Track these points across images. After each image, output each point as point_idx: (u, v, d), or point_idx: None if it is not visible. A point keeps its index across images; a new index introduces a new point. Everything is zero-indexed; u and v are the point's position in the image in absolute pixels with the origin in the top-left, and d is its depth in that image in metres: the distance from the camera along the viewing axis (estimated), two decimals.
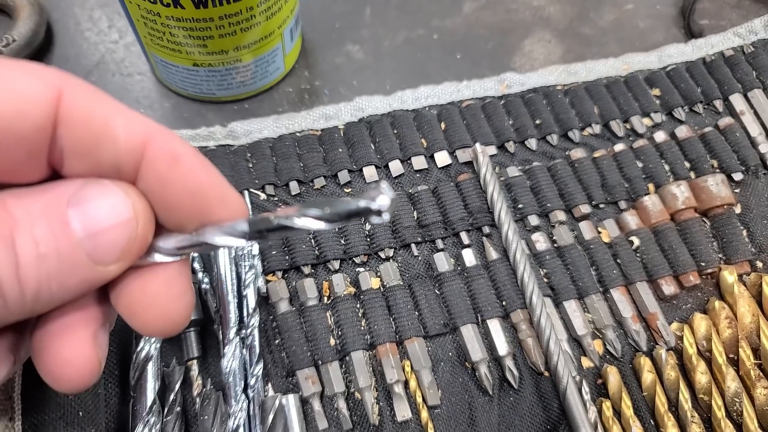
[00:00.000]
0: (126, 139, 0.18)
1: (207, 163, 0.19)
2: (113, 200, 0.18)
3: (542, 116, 0.36)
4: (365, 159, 0.34)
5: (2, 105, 0.16)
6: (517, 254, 0.31)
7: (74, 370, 0.19)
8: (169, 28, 0.32)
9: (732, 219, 0.34)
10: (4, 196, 0.17)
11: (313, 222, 0.17)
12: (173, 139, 0.19)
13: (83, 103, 0.17)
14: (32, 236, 0.17)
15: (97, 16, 0.40)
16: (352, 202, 0.17)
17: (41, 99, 0.17)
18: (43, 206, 0.17)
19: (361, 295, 0.30)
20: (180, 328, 0.20)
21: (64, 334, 0.19)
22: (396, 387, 0.29)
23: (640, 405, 0.30)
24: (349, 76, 0.40)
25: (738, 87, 0.38)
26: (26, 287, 0.17)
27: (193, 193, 0.19)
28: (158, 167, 0.18)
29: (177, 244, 0.19)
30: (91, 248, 0.17)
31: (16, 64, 0.17)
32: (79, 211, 0.17)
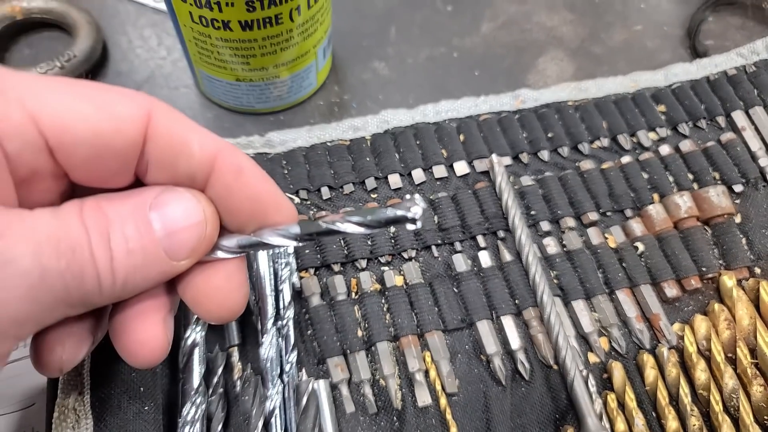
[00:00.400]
0: (200, 154, 0.21)
1: (266, 175, 0.23)
2: (187, 205, 0.21)
3: (554, 130, 0.39)
4: (390, 167, 0.37)
5: (103, 124, 0.19)
6: (530, 257, 0.34)
7: (149, 349, 0.22)
8: (217, 48, 0.35)
9: (732, 228, 0.36)
10: (99, 199, 0.20)
11: (355, 227, 0.21)
12: (238, 153, 0.22)
13: (167, 123, 0.20)
14: (123, 234, 0.20)
15: (147, 34, 0.44)
16: (390, 210, 0.20)
17: (135, 120, 0.20)
18: (131, 209, 0.20)
19: (386, 291, 0.33)
20: (237, 315, 0.24)
21: (140, 318, 0.22)
22: (417, 375, 0.31)
23: (642, 398, 0.32)
24: (376, 90, 0.43)
25: (740, 104, 0.40)
26: (117, 277, 0.19)
27: (254, 200, 0.22)
28: (225, 178, 0.21)
29: (237, 243, 0.22)
30: (168, 245, 0.20)
31: (114, 89, 0.20)
32: (160, 213, 0.20)
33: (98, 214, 0.19)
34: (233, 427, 0.30)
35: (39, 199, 0.20)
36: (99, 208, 0.20)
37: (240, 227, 0.23)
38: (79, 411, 0.25)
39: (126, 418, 0.26)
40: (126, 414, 0.26)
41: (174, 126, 0.21)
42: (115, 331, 0.22)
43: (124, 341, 0.22)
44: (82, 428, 0.25)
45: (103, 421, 0.26)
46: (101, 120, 0.19)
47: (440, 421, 0.30)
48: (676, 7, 0.48)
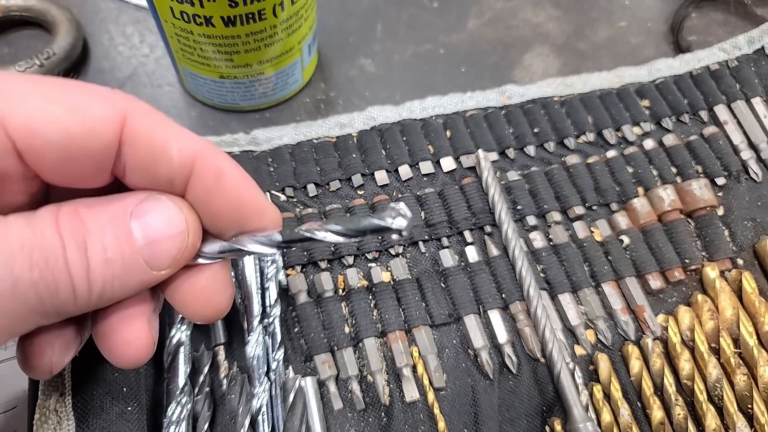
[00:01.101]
0: (179, 157, 0.20)
1: (248, 178, 0.22)
2: (169, 214, 0.20)
3: (540, 125, 0.39)
4: (377, 164, 0.37)
5: (75, 126, 0.18)
6: (516, 251, 0.34)
7: (134, 349, 0.22)
8: (199, 44, 0.35)
9: (714, 220, 0.37)
10: (77, 205, 0.19)
11: (334, 236, 0.20)
12: (219, 155, 0.21)
13: (144, 125, 0.19)
14: (101, 243, 0.19)
15: (130, 32, 0.44)
16: (373, 220, 0.19)
17: (109, 122, 0.19)
18: (110, 217, 0.19)
19: (373, 287, 0.33)
20: (223, 314, 0.23)
21: (124, 319, 0.21)
22: (405, 370, 0.31)
23: (628, 389, 0.32)
24: (362, 87, 0.43)
25: (722, 98, 0.41)
26: (94, 286, 0.19)
27: (235, 204, 0.21)
28: (205, 181, 0.21)
29: (218, 249, 0.22)
30: (148, 255, 0.20)
31: (88, 88, 0.19)
32: (140, 222, 0.20)
33: (75, 221, 0.19)
34: (220, 426, 0.29)
35: (11, 200, 0.20)
36: (76, 215, 0.19)
37: (221, 231, 0.22)
38: (60, 412, 0.25)
39: (109, 419, 0.26)
40: (109, 415, 0.26)
41: (151, 128, 0.20)
42: (98, 332, 0.22)
43: (109, 342, 0.22)
44: (64, 430, 0.25)
45: (85, 423, 0.25)
46: (73, 122, 0.18)
47: (428, 415, 0.31)
48: (660, 3, 0.48)
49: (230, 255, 0.22)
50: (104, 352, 0.22)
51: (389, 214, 0.19)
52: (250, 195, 0.22)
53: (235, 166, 0.22)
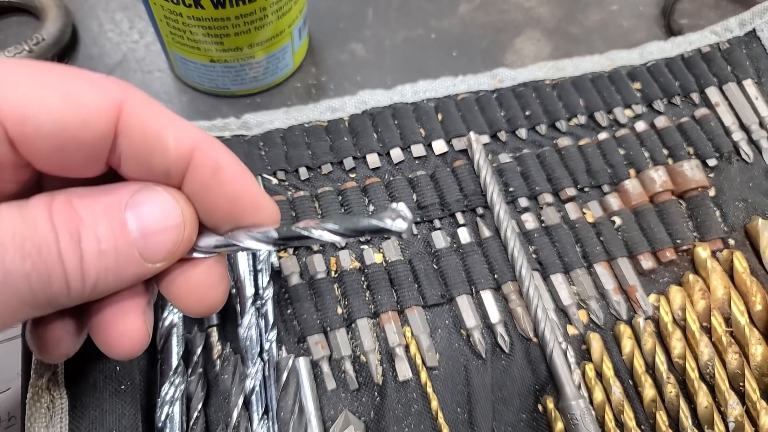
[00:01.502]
0: (175, 149, 0.20)
1: (246, 173, 0.21)
2: (165, 206, 0.20)
3: (532, 108, 0.39)
4: (369, 147, 0.37)
5: (69, 115, 0.17)
6: (508, 232, 0.34)
7: (129, 341, 0.21)
8: (189, 27, 0.35)
9: (706, 201, 0.37)
10: (71, 195, 0.19)
11: (330, 235, 0.20)
12: (217, 148, 0.21)
13: (140, 115, 0.19)
14: (95, 234, 0.18)
15: (119, 18, 0.43)
16: (371, 221, 0.19)
17: (104, 111, 0.18)
18: (104, 207, 0.19)
19: (365, 269, 0.33)
20: (217, 309, 0.23)
21: (119, 312, 0.21)
22: (398, 350, 0.31)
23: (619, 367, 0.32)
24: (353, 72, 0.43)
25: (714, 81, 0.41)
26: (87, 278, 0.19)
27: (232, 199, 0.21)
28: (202, 174, 0.20)
29: (214, 243, 0.22)
30: (143, 247, 0.19)
31: (82, 75, 0.18)
32: (136, 213, 0.19)
33: (69, 211, 0.18)
34: (213, 406, 0.29)
35: (2, 189, 0.19)
36: (70, 205, 0.18)
37: (216, 225, 0.22)
38: (53, 391, 0.25)
39: (102, 398, 0.26)
40: (102, 393, 0.26)
41: (148, 118, 0.19)
42: (93, 324, 0.21)
43: (104, 335, 0.21)
44: (57, 408, 0.25)
45: (79, 401, 0.25)
46: (66, 111, 0.17)
47: (421, 394, 0.31)
48: None
49: (225, 250, 0.22)
50: (99, 344, 0.22)
51: (389, 215, 0.18)
52: (248, 190, 0.21)
53: (233, 159, 0.21)
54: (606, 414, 0.30)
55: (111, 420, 0.26)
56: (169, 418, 0.28)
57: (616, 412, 0.31)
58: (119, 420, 0.26)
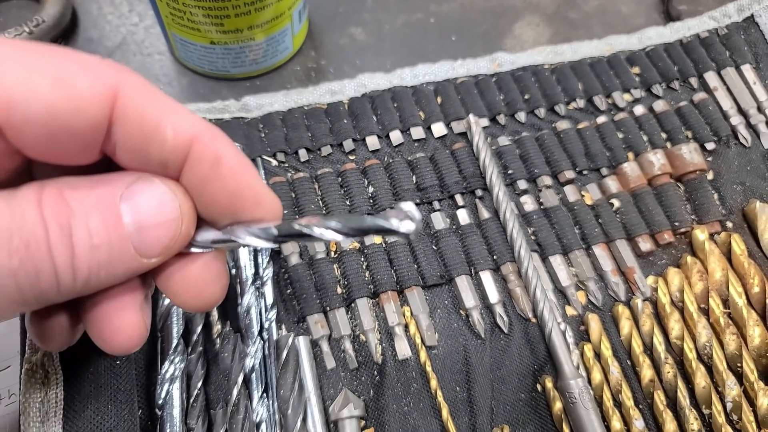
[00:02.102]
0: (174, 139, 0.18)
1: (248, 166, 0.20)
2: (162, 199, 0.19)
3: (531, 92, 0.39)
4: (368, 129, 0.37)
5: (60, 102, 0.16)
6: (507, 213, 0.34)
7: (126, 336, 0.20)
8: (189, 8, 0.34)
9: (704, 183, 0.37)
10: (62, 186, 0.18)
11: (333, 234, 0.19)
12: (218, 139, 0.20)
13: (137, 102, 0.18)
14: (87, 227, 0.17)
15: (118, 0, 0.43)
16: (378, 221, 0.18)
17: (97, 98, 0.17)
18: (98, 199, 0.18)
19: (365, 249, 0.33)
20: (215, 305, 0.22)
21: (115, 307, 0.20)
22: (397, 329, 0.31)
23: (618, 348, 0.32)
24: (353, 55, 0.43)
25: (712, 65, 0.41)
26: (78, 274, 0.18)
27: (232, 193, 0.20)
28: (201, 167, 0.19)
29: (212, 238, 0.21)
30: (138, 242, 0.19)
31: (76, 58, 0.17)
32: (131, 206, 0.18)
33: (59, 203, 0.17)
34: (213, 384, 0.29)
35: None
36: (61, 196, 0.17)
37: (215, 219, 0.21)
38: (48, 366, 0.25)
39: (97, 372, 0.26)
40: (97, 368, 0.26)
41: (145, 106, 0.18)
42: (89, 320, 0.21)
43: (100, 330, 0.20)
44: (52, 383, 0.25)
45: (74, 375, 0.25)
46: (57, 97, 0.16)
47: (420, 373, 0.31)
48: None
49: (224, 246, 0.21)
50: (95, 339, 0.21)
51: (396, 215, 0.17)
52: (249, 184, 0.20)
53: (235, 151, 0.20)
54: (604, 394, 0.31)
55: (106, 394, 0.26)
56: (169, 396, 0.28)
57: (615, 392, 0.31)
58: (114, 395, 0.26)
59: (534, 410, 0.31)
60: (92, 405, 0.25)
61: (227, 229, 0.20)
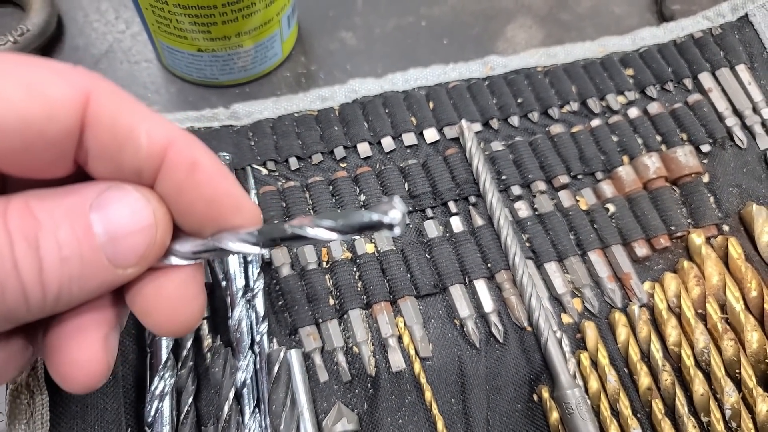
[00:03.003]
0: (148, 145, 0.18)
1: (224, 172, 0.20)
2: (135, 206, 0.18)
3: (524, 95, 0.39)
4: (359, 136, 0.36)
5: (32, 109, 0.16)
6: (501, 220, 0.34)
7: (84, 373, 0.19)
8: (175, 16, 0.34)
9: (700, 187, 0.36)
10: (28, 198, 0.17)
11: (326, 233, 0.18)
12: (193, 145, 0.19)
13: (109, 108, 0.17)
14: (56, 239, 0.17)
15: (104, 8, 0.43)
16: (365, 215, 0.18)
17: (69, 103, 0.16)
18: (67, 209, 0.17)
19: (357, 259, 0.33)
20: (191, 329, 0.20)
21: (76, 335, 0.19)
22: (390, 341, 0.31)
23: (615, 356, 0.32)
24: (343, 60, 0.42)
25: (706, 66, 0.41)
26: (48, 289, 0.17)
27: (209, 200, 0.19)
28: (176, 174, 0.18)
29: (193, 248, 0.20)
30: (111, 252, 0.18)
31: (46, 65, 0.17)
32: (102, 215, 0.18)
33: (25, 216, 0.16)
34: (205, 399, 0.29)
35: None
36: (27, 208, 0.17)
37: (195, 229, 0.20)
38: (33, 387, 0.24)
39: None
40: None
41: (118, 111, 0.17)
42: (47, 347, 0.19)
43: (56, 361, 0.19)
44: (38, 404, 0.24)
45: (59, 396, 0.25)
46: (30, 105, 0.16)
47: (415, 385, 0.30)
48: None
49: (208, 255, 0.20)
50: (52, 374, 0.19)
51: (382, 208, 0.17)
52: (227, 190, 0.19)
53: (211, 157, 0.19)
54: (602, 403, 0.30)
55: (93, 415, 0.25)
56: (158, 414, 0.27)
57: (612, 400, 0.31)
58: (101, 415, 0.25)
59: (530, 421, 0.30)
60: (78, 426, 0.25)
61: (212, 237, 0.20)
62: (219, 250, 0.19)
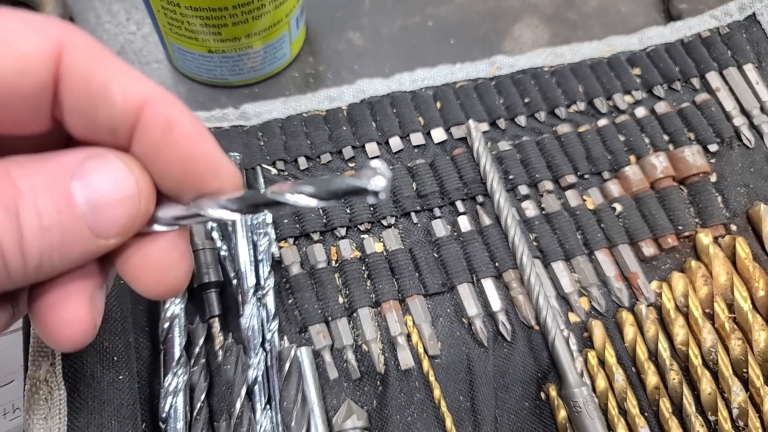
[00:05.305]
0: (123, 102, 0.17)
1: (202, 132, 0.19)
2: (118, 176, 0.18)
3: (531, 95, 0.39)
4: (367, 136, 0.37)
5: (3, 63, 0.15)
6: (509, 220, 0.34)
7: (71, 331, 0.19)
8: (186, 17, 0.34)
9: (707, 186, 0.37)
10: (8, 165, 0.17)
11: (306, 199, 0.17)
12: (170, 103, 0.18)
13: (83, 61, 0.17)
14: (36, 208, 0.16)
15: (116, 9, 0.43)
16: (348, 180, 0.17)
17: (42, 56, 0.16)
18: (48, 178, 0.17)
19: (366, 258, 0.33)
20: (179, 291, 0.20)
21: (62, 295, 0.19)
22: (399, 339, 0.31)
23: (622, 355, 0.32)
24: (351, 61, 0.42)
25: (714, 65, 0.41)
26: (29, 258, 0.17)
27: (185, 161, 0.18)
28: (152, 133, 0.18)
29: (174, 214, 0.19)
30: (93, 222, 0.17)
31: (17, 16, 0.16)
32: (83, 184, 0.17)
33: (5, 183, 0.16)
34: (217, 396, 0.29)
35: None
36: (7, 176, 0.16)
37: (173, 191, 0.19)
38: (51, 382, 0.25)
39: (100, 388, 0.26)
40: (100, 383, 0.26)
41: (92, 65, 0.17)
42: (33, 308, 0.19)
43: (42, 320, 0.19)
44: (55, 399, 0.25)
45: (77, 391, 0.25)
46: (2, 59, 0.15)
47: (423, 383, 0.31)
48: None
49: (189, 221, 0.19)
50: (38, 331, 0.19)
51: (365, 173, 0.17)
52: (204, 151, 0.19)
53: (189, 116, 0.18)
54: (609, 401, 0.30)
55: (109, 410, 0.26)
56: (172, 409, 0.28)
57: (619, 399, 0.31)
58: (117, 410, 0.26)
59: (538, 419, 0.31)
60: (95, 421, 0.25)
61: (192, 204, 0.19)
62: (198, 216, 0.19)
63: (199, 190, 0.19)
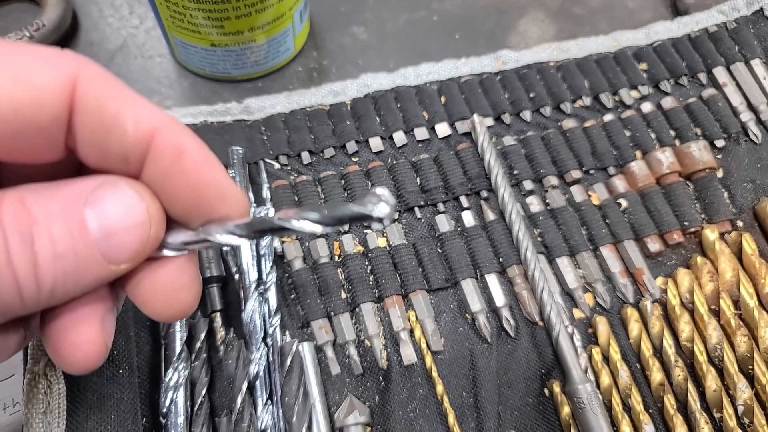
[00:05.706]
0: (134, 131, 0.18)
1: (210, 159, 0.20)
2: (129, 202, 0.18)
3: (536, 90, 0.39)
4: (371, 130, 0.36)
5: (20, 96, 0.16)
6: (513, 215, 0.34)
7: (82, 354, 0.19)
8: (189, 11, 0.34)
9: (714, 182, 0.36)
10: (23, 193, 0.17)
11: (312, 225, 0.18)
12: (181, 132, 0.19)
13: (96, 92, 0.17)
14: (50, 235, 0.17)
15: (119, 3, 0.43)
16: (352, 207, 0.17)
17: (56, 89, 0.17)
18: (61, 205, 0.17)
19: (369, 253, 0.33)
20: (188, 314, 0.21)
21: (74, 319, 0.19)
22: (402, 334, 0.31)
23: (627, 351, 0.32)
24: (355, 55, 0.42)
25: (721, 60, 0.40)
26: (42, 284, 0.17)
27: (194, 188, 0.19)
28: (162, 160, 0.18)
29: (184, 239, 0.20)
30: (105, 248, 0.18)
31: (32, 50, 0.17)
32: (96, 211, 0.18)
33: (20, 210, 0.17)
34: (218, 391, 0.29)
35: None
36: (22, 203, 0.17)
37: (182, 217, 0.20)
38: (50, 376, 0.25)
39: (100, 382, 0.26)
40: (100, 378, 0.26)
41: (105, 96, 0.17)
42: (45, 330, 0.19)
43: (54, 343, 0.19)
44: (54, 393, 0.25)
45: (76, 386, 0.25)
46: (17, 93, 0.16)
47: (426, 379, 0.30)
48: None
49: (197, 246, 0.20)
50: (50, 353, 0.20)
51: (370, 200, 0.17)
52: (213, 178, 0.19)
53: (198, 144, 0.19)
54: (613, 398, 0.30)
55: (109, 404, 0.26)
56: (173, 404, 0.28)
57: (624, 395, 0.30)
58: (117, 404, 0.26)
59: (542, 415, 0.31)
60: (95, 415, 0.25)
61: (201, 229, 0.20)
62: (207, 241, 0.20)
63: (207, 215, 0.19)
